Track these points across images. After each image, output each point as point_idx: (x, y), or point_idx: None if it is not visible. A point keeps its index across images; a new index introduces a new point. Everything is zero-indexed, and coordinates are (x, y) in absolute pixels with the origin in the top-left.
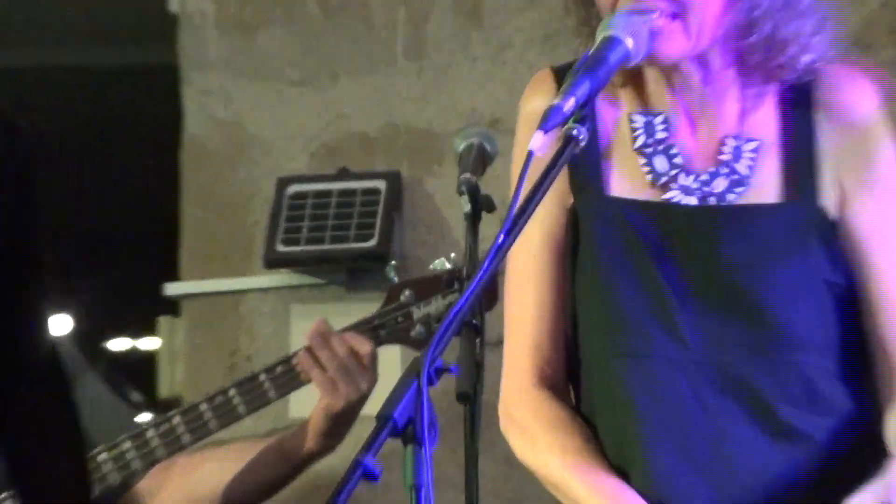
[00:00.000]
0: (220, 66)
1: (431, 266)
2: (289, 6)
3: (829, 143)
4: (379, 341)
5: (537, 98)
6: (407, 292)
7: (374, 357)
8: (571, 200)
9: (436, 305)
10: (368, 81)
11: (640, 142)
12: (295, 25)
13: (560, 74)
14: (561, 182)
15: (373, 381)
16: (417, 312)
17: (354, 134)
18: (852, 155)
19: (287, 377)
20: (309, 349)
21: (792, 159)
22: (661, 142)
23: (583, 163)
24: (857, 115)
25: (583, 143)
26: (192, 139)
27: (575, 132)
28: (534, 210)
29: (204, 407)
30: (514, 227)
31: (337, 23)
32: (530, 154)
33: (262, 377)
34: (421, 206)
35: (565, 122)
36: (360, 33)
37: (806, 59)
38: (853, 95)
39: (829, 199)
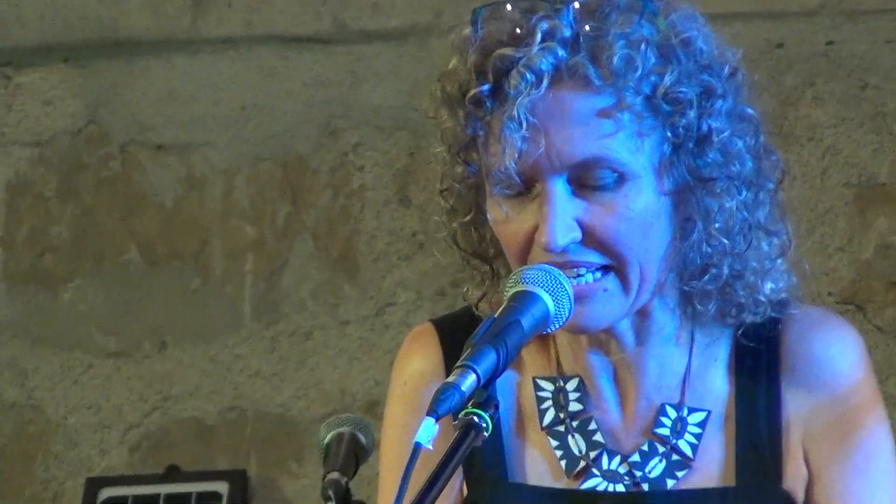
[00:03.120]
0: (10, 333)
1: None
2: (100, 253)
3: (797, 411)
4: None
5: (417, 359)
6: None
7: None
8: (465, 492)
9: None
10: (205, 352)
11: (549, 418)
12: (109, 278)
13: (445, 330)
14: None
15: None
16: None
17: (187, 421)
18: (827, 427)
19: None
20: None
21: (750, 434)
22: (575, 415)
23: (480, 446)
24: (833, 375)
25: (486, 434)
26: None
27: (476, 419)
28: None
29: None
30: None
31: (164, 274)
32: (417, 447)
33: None
34: None
35: (463, 405)
36: (194, 287)
37: (767, 289)
38: (827, 350)
39: (797, 481)
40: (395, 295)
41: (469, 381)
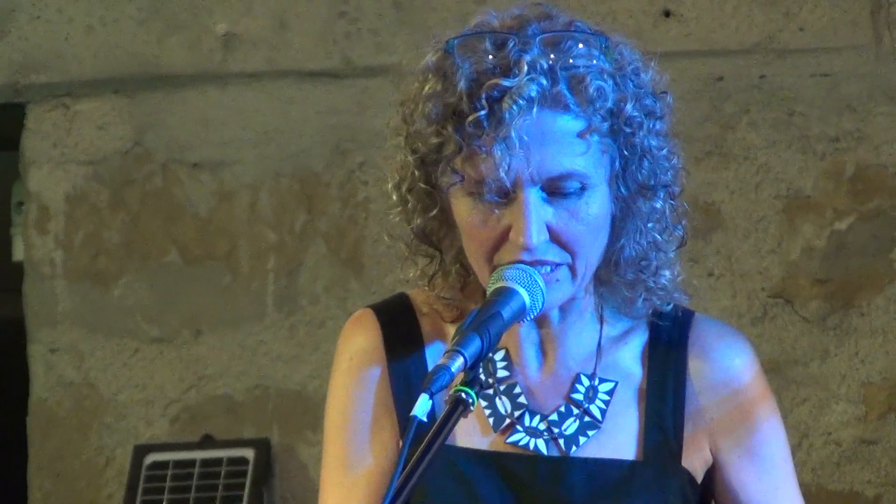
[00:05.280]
0: (69, 322)
1: None
2: (146, 254)
3: (701, 400)
4: None
5: (360, 338)
6: None
7: None
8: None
9: None
10: (234, 338)
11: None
12: (153, 275)
13: (382, 313)
14: (391, 433)
15: None
16: None
17: (219, 397)
18: (730, 420)
19: None
20: None
21: (655, 409)
22: (501, 381)
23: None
24: (737, 378)
25: (472, 409)
26: (40, 403)
27: (464, 395)
28: (417, 482)
29: None
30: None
31: (199, 272)
32: (414, 420)
33: None
34: (293, 477)
35: (451, 383)
36: (225, 284)
37: (668, 275)
38: (732, 361)
39: (696, 461)
40: (394, 290)
41: (457, 363)
